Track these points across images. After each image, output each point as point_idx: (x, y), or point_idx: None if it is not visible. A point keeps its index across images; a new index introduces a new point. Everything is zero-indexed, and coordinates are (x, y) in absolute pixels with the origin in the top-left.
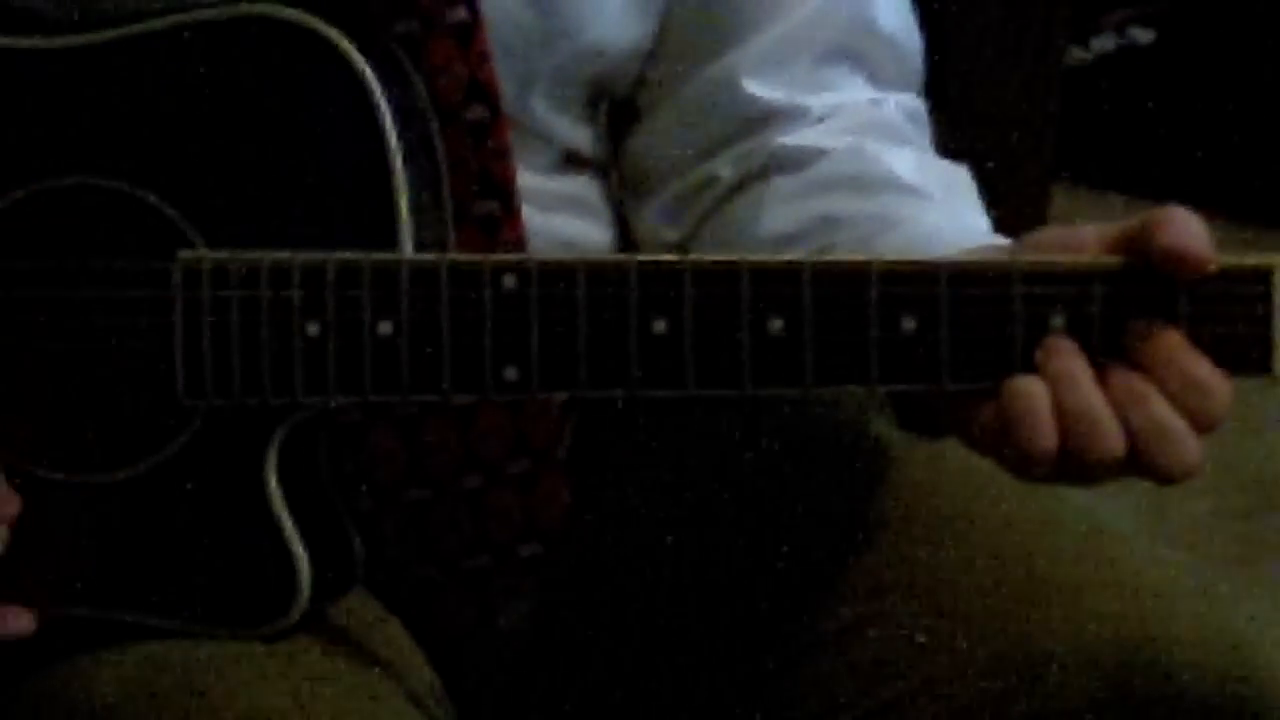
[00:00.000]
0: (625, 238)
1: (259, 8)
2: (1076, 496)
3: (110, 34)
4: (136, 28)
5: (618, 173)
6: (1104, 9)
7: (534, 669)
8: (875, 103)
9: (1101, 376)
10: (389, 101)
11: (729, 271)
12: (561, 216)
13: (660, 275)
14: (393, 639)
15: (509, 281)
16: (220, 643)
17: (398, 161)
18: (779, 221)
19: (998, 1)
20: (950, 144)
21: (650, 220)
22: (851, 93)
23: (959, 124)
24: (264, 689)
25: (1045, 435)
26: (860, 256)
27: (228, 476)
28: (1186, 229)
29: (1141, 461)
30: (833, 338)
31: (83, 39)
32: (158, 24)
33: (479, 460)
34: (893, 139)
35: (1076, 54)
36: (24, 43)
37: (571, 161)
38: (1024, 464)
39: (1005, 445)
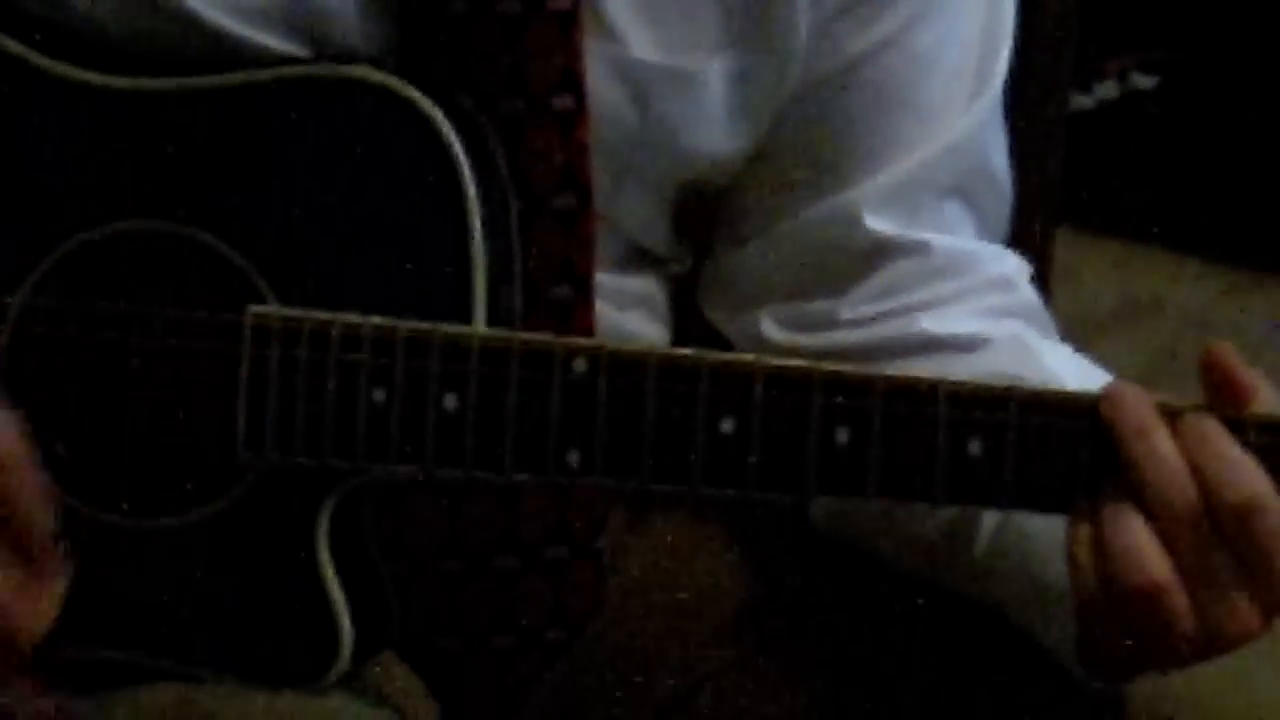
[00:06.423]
0: (680, 338)
1: (352, 70)
2: None
3: (199, 81)
4: (223, 78)
5: (706, 279)
6: (1107, 55)
7: None
8: (1009, 283)
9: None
10: (475, 176)
11: (801, 378)
12: (632, 314)
13: (732, 375)
14: (418, 708)
15: (579, 366)
16: (245, 689)
17: (478, 236)
18: None
19: None
20: None
21: (756, 329)
22: (963, 234)
23: None
24: None
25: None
26: (930, 377)
27: (278, 534)
28: None
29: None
30: (898, 453)
31: (169, 83)
32: (246, 76)
33: (517, 541)
34: (1042, 327)
35: (1079, 100)
36: (108, 80)
37: (638, 258)
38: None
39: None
